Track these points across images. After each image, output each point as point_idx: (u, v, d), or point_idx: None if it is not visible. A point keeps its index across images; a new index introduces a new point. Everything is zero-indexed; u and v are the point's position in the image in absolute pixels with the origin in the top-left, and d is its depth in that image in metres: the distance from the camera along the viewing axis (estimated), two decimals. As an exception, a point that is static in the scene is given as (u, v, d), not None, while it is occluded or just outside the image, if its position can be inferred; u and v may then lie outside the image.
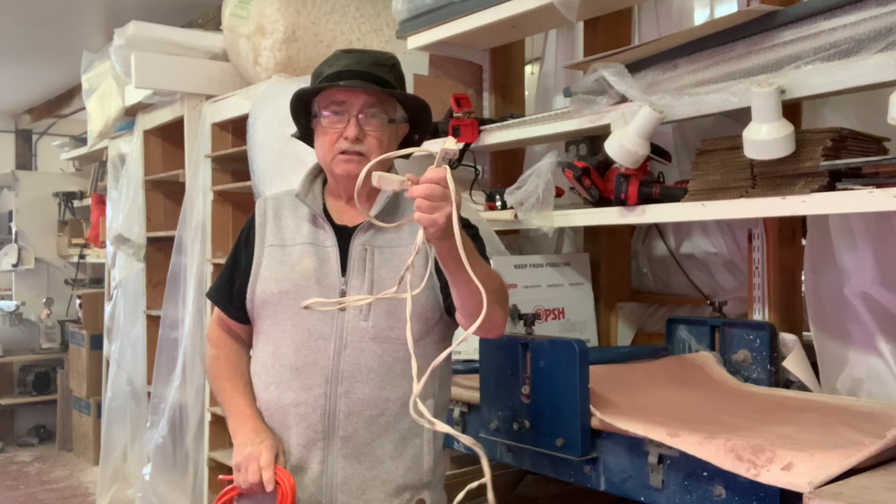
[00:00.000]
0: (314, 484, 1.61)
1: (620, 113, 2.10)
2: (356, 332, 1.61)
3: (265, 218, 1.73)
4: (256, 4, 3.32)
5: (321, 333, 1.61)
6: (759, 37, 1.94)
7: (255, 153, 3.03)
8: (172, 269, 3.73)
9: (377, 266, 1.64)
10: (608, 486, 1.74)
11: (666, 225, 2.59)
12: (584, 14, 2.51)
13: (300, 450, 1.61)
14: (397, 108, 1.68)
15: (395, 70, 1.69)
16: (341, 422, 1.60)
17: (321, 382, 1.60)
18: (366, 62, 1.65)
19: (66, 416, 6.03)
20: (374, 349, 1.61)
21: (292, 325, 1.63)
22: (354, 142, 1.61)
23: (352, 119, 1.62)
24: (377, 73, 1.63)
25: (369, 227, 1.66)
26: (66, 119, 6.91)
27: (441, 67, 2.88)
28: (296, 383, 1.61)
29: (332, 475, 1.61)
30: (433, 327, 1.68)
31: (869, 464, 1.40)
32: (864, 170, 1.65)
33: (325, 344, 1.61)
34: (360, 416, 1.60)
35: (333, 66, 1.65)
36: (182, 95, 3.81)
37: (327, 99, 1.64)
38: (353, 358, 1.61)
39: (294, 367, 1.62)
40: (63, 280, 6.51)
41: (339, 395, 1.60)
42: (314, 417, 1.60)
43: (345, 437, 1.60)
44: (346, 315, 1.62)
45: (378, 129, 1.63)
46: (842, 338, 2.04)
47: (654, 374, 2.03)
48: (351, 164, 1.62)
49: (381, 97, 1.64)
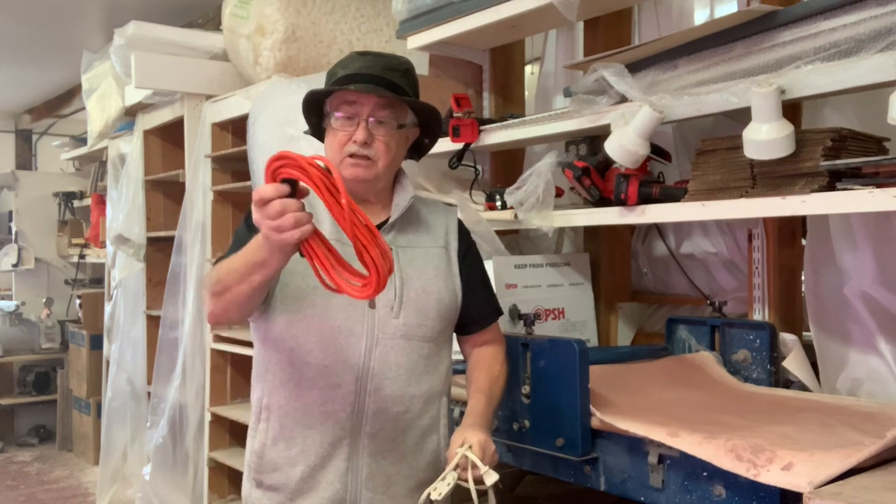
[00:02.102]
0: (339, 480, 1.61)
1: (620, 113, 2.10)
2: (388, 330, 1.62)
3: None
4: (256, 4, 3.32)
5: (352, 331, 1.60)
6: (759, 37, 1.94)
7: (255, 153, 3.03)
8: (172, 269, 3.73)
9: (404, 265, 1.65)
10: (608, 486, 1.74)
11: (666, 225, 2.59)
12: (584, 14, 2.51)
13: (325, 447, 1.61)
14: (408, 114, 1.69)
15: (408, 75, 1.69)
16: (369, 419, 1.61)
17: (351, 380, 1.60)
18: (379, 66, 1.65)
19: (66, 416, 6.03)
20: (404, 346, 1.63)
21: (319, 322, 1.60)
22: (363, 146, 1.62)
23: (362, 123, 1.62)
24: (390, 77, 1.64)
25: (391, 228, 1.68)
26: (66, 119, 6.91)
27: (441, 67, 2.88)
28: (322, 381, 1.60)
29: (357, 471, 1.62)
30: (448, 326, 1.72)
31: (869, 464, 1.40)
32: (864, 170, 1.65)
33: (357, 341, 1.60)
34: (387, 413, 1.62)
35: (347, 67, 1.66)
36: (182, 95, 3.81)
37: (339, 100, 1.64)
38: (383, 355, 1.61)
39: (321, 365, 1.60)
40: (63, 280, 6.51)
41: (368, 393, 1.60)
42: (342, 415, 1.60)
43: (371, 434, 1.61)
44: (376, 312, 1.62)
45: (387, 135, 1.64)
46: (842, 338, 2.04)
47: (654, 374, 2.03)
48: (359, 169, 1.63)
49: (392, 102, 1.64)
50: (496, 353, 1.78)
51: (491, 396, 1.68)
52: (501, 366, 1.76)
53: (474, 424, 1.58)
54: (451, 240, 1.75)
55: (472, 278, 1.75)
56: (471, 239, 1.82)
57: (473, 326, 1.77)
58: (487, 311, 1.79)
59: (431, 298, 1.66)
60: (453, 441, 1.54)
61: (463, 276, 1.73)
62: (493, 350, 1.78)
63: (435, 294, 1.67)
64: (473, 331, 1.78)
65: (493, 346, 1.78)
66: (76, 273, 6.33)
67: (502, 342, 1.81)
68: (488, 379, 1.71)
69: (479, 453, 1.50)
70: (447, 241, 1.74)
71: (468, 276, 1.74)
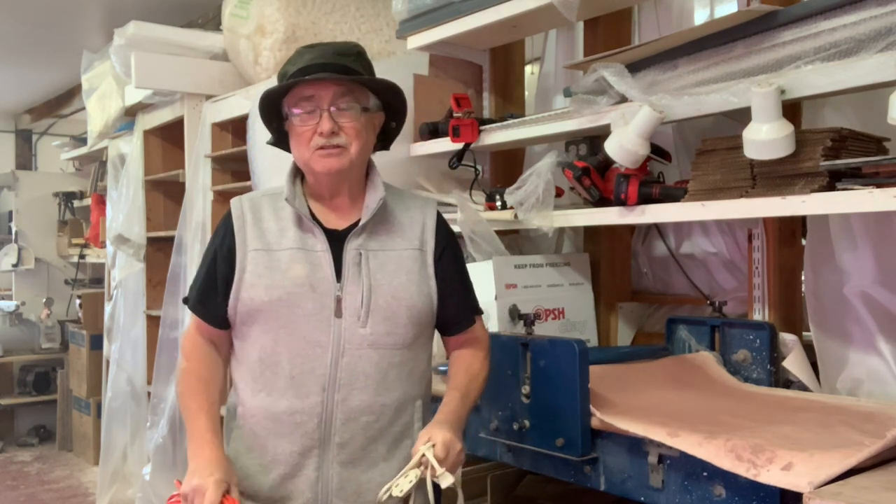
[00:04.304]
0: (310, 489, 1.60)
1: (620, 113, 2.10)
2: (354, 340, 1.59)
3: (244, 220, 1.65)
4: (256, 4, 3.32)
5: (318, 342, 1.58)
6: (759, 37, 1.94)
7: (255, 153, 3.03)
8: (172, 269, 3.73)
9: (373, 270, 1.61)
10: (608, 486, 1.74)
11: (666, 225, 2.59)
12: (584, 14, 2.51)
13: (295, 457, 1.60)
14: (369, 97, 1.63)
15: (360, 58, 1.64)
16: (338, 429, 1.59)
17: (318, 390, 1.58)
18: (329, 54, 1.60)
19: (66, 416, 6.03)
20: (372, 356, 1.60)
21: (286, 334, 1.58)
22: (330, 136, 1.56)
23: (324, 113, 1.56)
24: (342, 62, 1.59)
25: (362, 231, 1.63)
26: (66, 119, 6.91)
27: (441, 67, 2.88)
28: (290, 391, 1.59)
29: (327, 481, 1.60)
30: (424, 330, 1.68)
31: (869, 464, 1.40)
32: (864, 170, 1.65)
33: (322, 352, 1.58)
34: (356, 422, 1.59)
35: (297, 62, 1.60)
36: (182, 95, 3.81)
37: (296, 97, 1.59)
38: (350, 365, 1.59)
39: (289, 376, 1.59)
40: (63, 280, 6.51)
41: (335, 403, 1.58)
42: (310, 425, 1.59)
43: (341, 444, 1.59)
44: (342, 322, 1.59)
45: (353, 120, 1.59)
46: (842, 338, 2.04)
47: (654, 374, 2.03)
48: (331, 159, 1.58)
49: (351, 87, 1.59)
50: (476, 352, 1.73)
51: (466, 394, 1.65)
52: (482, 364, 1.72)
53: (443, 422, 1.55)
54: (427, 239, 1.68)
55: (449, 279, 1.69)
56: (449, 236, 1.74)
57: (452, 328, 1.74)
58: (464, 313, 1.73)
59: (402, 305, 1.61)
60: (419, 437, 1.53)
61: (438, 277, 1.67)
62: (474, 350, 1.74)
63: (406, 300, 1.62)
64: (453, 332, 1.74)
65: (473, 346, 1.74)
66: (76, 273, 6.33)
67: (484, 341, 1.76)
68: (466, 377, 1.69)
69: (441, 452, 1.48)
70: (423, 240, 1.68)
71: (444, 278, 1.68)
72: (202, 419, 1.60)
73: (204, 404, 1.62)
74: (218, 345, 1.69)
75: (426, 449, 1.48)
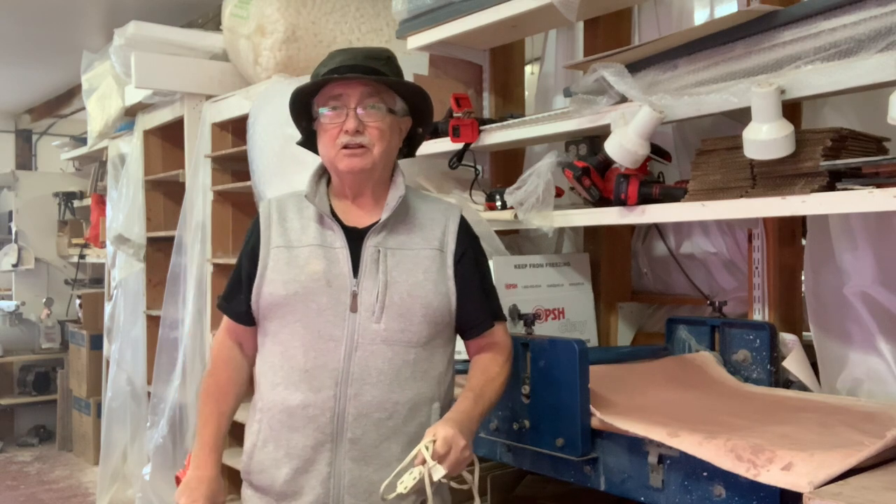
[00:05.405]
0: (322, 485, 1.61)
1: (620, 113, 2.10)
2: (368, 335, 1.61)
3: (269, 220, 1.71)
4: (256, 4, 3.32)
5: (332, 335, 1.61)
6: (759, 37, 1.94)
7: (255, 153, 3.03)
8: (172, 269, 3.73)
9: (390, 268, 1.63)
10: (608, 486, 1.74)
11: (666, 225, 2.59)
12: (584, 14, 2.51)
13: (308, 451, 1.61)
14: (396, 100, 1.67)
15: (390, 63, 1.68)
16: (350, 424, 1.60)
17: (331, 385, 1.60)
18: (360, 56, 1.65)
19: (66, 416, 6.03)
20: (385, 352, 1.61)
21: (302, 327, 1.62)
22: (355, 134, 1.61)
23: (350, 112, 1.61)
24: (372, 65, 1.63)
25: (382, 229, 1.66)
26: (66, 119, 6.91)
27: (441, 67, 2.88)
28: (304, 385, 1.61)
29: (339, 477, 1.61)
30: (442, 330, 1.69)
31: (869, 464, 1.40)
32: (864, 170, 1.65)
33: (336, 346, 1.60)
34: (368, 418, 1.60)
35: (328, 64, 1.66)
36: (182, 95, 3.81)
37: (325, 96, 1.64)
38: (363, 360, 1.60)
39: (303, 370, 1.61)
40: (63, 280, 6.51)
41: (348, 398, 1.60)
42: (323, 419, 1.60)
43: (353, 440, 1.60)
44: (357, 317, 1.61)
45: (378, 120, 1.63)
46: (842, 338, 2.04)
47: (654, 374, 2.03)
48: (354, 159, 1.62)
49: (378, 88, 1.63)
50: (495, 356, 1.74)
51: (480, 395, 1.65)
52: (500, 367, 1.73)
53: (450, 420, 1.55)
54: (447, 241, 1.70)
55: (468, 282, 1.70)
56: (473, 241, 1.76)
57: (470, 331, 1.75)
58: (483, 317, 1.73)
59: (417, 303, 1.63)
60: (426, 434, 1.53)
61: (458, 279, 1.69)
62: (493, 354, 1.74)
63: (421, 298, 1.63)
64: (471, 336, 1.75)
65: (493, 350, 1.75)
66: (76, 273, 6.33)
67: (505, 346, 1.76)
68: (482, 378, 1.69)
69: (442, 448, 1.48)
70: (443, 242, 1.70)
71: (463, 280, 1.69)
72: (210, 427, 1.73)
73: (215, 411, 1.74)
74: (244, 345, 1.76)
75: (423, 445, 1.48)
